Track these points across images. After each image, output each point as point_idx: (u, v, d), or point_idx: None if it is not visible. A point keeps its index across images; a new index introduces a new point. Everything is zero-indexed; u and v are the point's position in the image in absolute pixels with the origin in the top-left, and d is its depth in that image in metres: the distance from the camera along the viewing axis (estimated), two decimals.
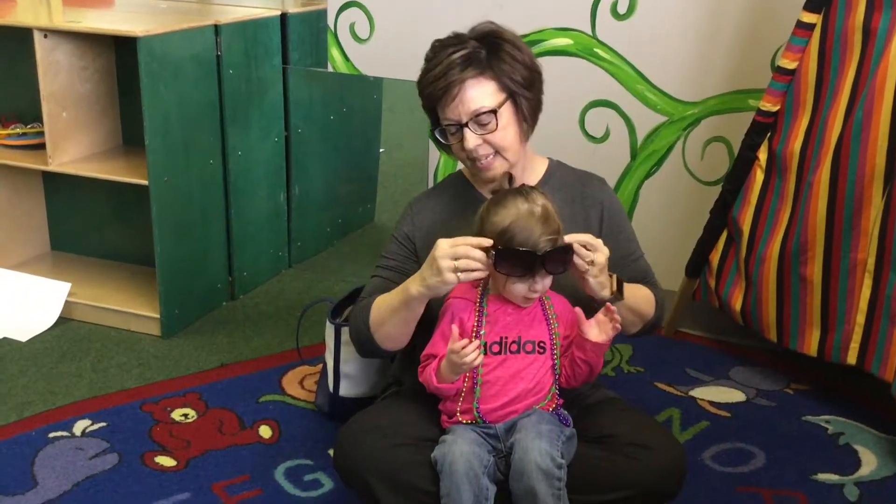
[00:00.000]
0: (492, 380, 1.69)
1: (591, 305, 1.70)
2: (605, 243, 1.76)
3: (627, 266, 1.84)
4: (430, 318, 1.75)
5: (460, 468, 1.59)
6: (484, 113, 1.71)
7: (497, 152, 1.75)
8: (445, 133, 1.76)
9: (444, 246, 1.61)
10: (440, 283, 1.61)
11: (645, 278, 1.86)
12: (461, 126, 1.72)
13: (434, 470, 1.63)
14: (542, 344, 1.70)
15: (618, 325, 1.64)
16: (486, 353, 1.67)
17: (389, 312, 1.74)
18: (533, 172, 1.87)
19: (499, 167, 1.76)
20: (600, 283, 1.67)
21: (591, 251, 1.63)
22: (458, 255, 1.59)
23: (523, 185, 1.71)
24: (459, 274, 1.59)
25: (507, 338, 1.69)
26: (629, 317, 1.77)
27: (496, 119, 1.72)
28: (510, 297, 1.67)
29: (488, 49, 1.74)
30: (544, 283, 1.64)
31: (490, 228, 1.64)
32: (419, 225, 1.86)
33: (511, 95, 1.75)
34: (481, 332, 1.68)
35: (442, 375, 1.66)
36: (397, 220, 1.91)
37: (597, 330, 1.65)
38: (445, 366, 1.64)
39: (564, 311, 1.73)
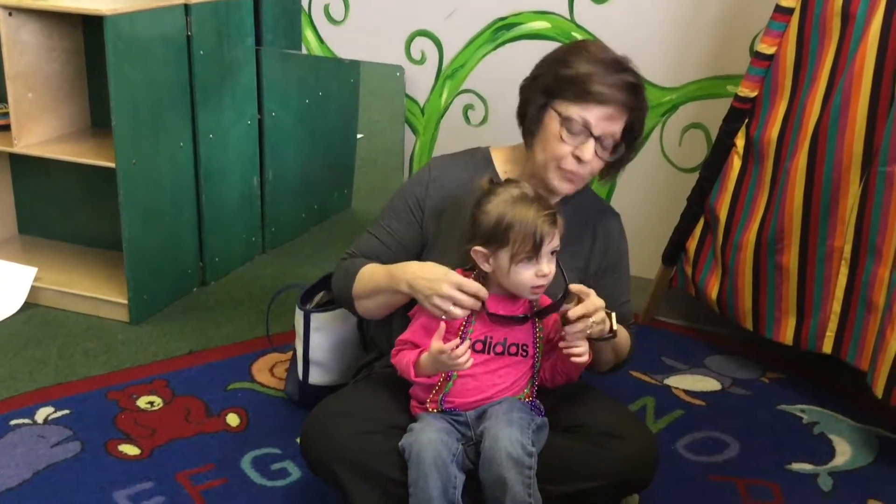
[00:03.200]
0: (471, 374, 1.65)
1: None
2: (600, 280, 1.80)
3: (616, 307, 1.80)
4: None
5: (428, 457, 1.56)
6: (613, 139, 1.70)
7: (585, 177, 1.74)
8: (562, 124, 1.69)
9: (449, 281, 1.60)
10: (427, 305, 1.63)
11: (626, 321, 1.84)
12: (590, 135, 1.68)
13: (402, 458, 1.60)
14: (525, 347, 1.68)
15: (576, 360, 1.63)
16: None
17: (374, 290, 1.74)
18: None
19: (572, 187, 1.74)
20: (599, 331, 1.64)
21: (588, 311, 1.61)
22: (456, 301, 1.59)
23: (507, 179, 1.69)
24: (453, 309, 1.60)
25: (491, 338, 1.66)
26: (609, 356, 1.77)
27: (612, 150, 1.71)
28: (516, 290, 1.64)
29: (643, 96, 1.73)
30: (550, 266, 1.62)
31: (485, 220, 1.61)
32: (433, 195, 1.80)
33: (625, 137, 1.73)
34: (469, 331, 1.65)
35: (422, 369, 1.63)
36: (411, 178, 1.86)
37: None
38: (429, 362, 1.61)
39: (551, 316, 1.70)
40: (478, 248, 1.63)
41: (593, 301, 1.61)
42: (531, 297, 1.66)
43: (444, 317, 1.60)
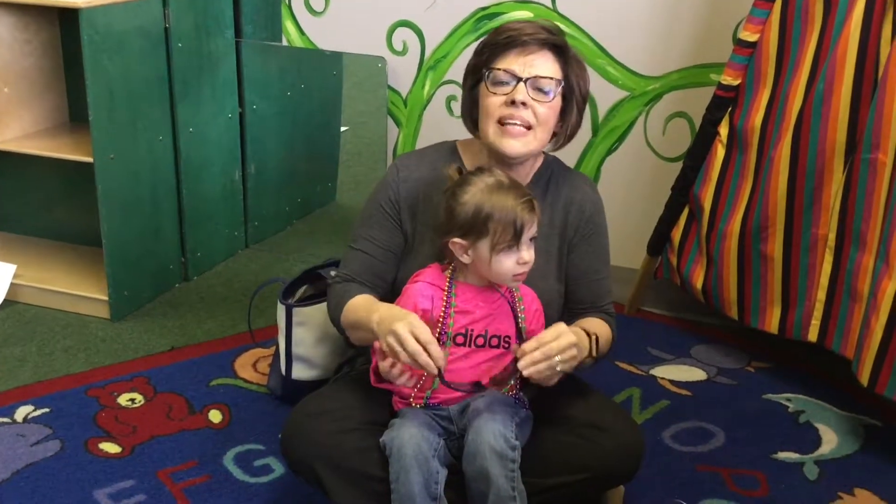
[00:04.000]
0: (453, 370, 1.63)
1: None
2: (577, 252, 1.77)
3: (589, 283, 1.78)
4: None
5: (409, 452, 1.54)
6: (548, 79, 1.65)
7: (531, 127, 1.66)
8: (489, 81, 1.66)
9: (406, 321, 1.51)
10: (384, 345, 1.53)
11: (602, 301, 1.80)
12: (518, 80, 1.64)
13: (383, 455, 1.58)
14: (507, 339, 1.66)
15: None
16: (450, 344, 1.63)
17: (356, 325, 1.67)
18: (532, 167, 1.79)
19: (523, 146, 1.66)
20: (570, 366, 1.58)
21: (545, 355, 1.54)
22: (404, 343, 1.49)
23: (477, 167, 1.66)
24: (402, 352, 1.49)
25: (472, 330, 1.64)
26: (589, 362, 1.70)
27: (553, 94, 1.67)
28: (498, 279, 1.62)
29: (568, 44, 1.71)
30: (530, 253, 1.60)
31: (462, 211, 1.58)
32: (406, 195, 1.75)
33: (566, 95, 1.70)
34: (448, 323, 1.63)
35: (381, 376, 1.60)
36: (379, 183, 1.79)
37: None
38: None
39: (532, 304, 1.70)
40: (456, 239, 1.61)
41: (551, 347, 1.54)
42: (512, 284, 1.64)
43: (389, 363, 1.53)
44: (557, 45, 1.68)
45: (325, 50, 2.89)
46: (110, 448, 1.97)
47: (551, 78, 1.66)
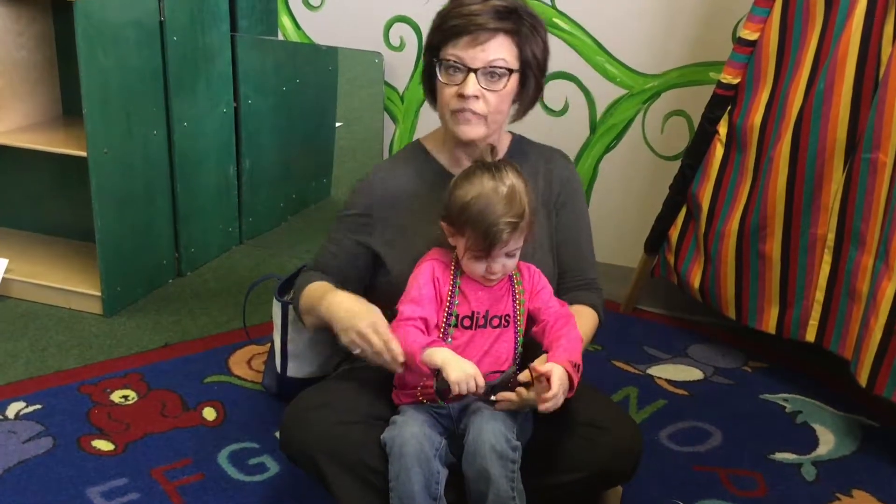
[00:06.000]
0: (461, 355, 1.61)
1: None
2: (559, 217, 1.77)
3: (574, 249, 1.78)
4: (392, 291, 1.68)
5: (410, 451, 1.53)
6: (500, 68, 1.63)
7: (483, 116, 1.65)
8: (441, 68, 1.65)
9: (369, 321, 1.57)
10: (343, 339, 1.62)
11: (589, 273, 1.80)
12: (469, 70, 1.62)
13: (384, 450, 1.57)
14: (507, 318, 1.65)
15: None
16: (456, 326, 1.62)
17: (309, 309, 1.72)
18: (499, 147, 1.78)
19: (475, 130, 1.67)
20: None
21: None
22: (370, 343, 1.56)
23: (500, 160, 1.64)
24: (367, 349, 1.57)
25: (478, 312, 1.63)
26: None
27: (505, 81, 1.65)
28: (471, 275, 1.62)
29: (522, 16, 1.67)
30: (504, 263, 1.59)
31: (453, 203, 1.58)
32: (381, 195, 1.75)
33: (524, 71, 1.68)
34: (455, 302, 1.62)
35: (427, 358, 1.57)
36: (349, 196, 1.81)
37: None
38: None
39: (533, 281, 1.68)
40: (443, 223, 1.62)
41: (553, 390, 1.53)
42: (485, 284, 1.63)
43: (357, 351, 1.60)
44: (512, 22, 1.65)
45: (321, 45, 2.87)
46: (103, 445, 1.95)
47: (503, 67, 1.64)
